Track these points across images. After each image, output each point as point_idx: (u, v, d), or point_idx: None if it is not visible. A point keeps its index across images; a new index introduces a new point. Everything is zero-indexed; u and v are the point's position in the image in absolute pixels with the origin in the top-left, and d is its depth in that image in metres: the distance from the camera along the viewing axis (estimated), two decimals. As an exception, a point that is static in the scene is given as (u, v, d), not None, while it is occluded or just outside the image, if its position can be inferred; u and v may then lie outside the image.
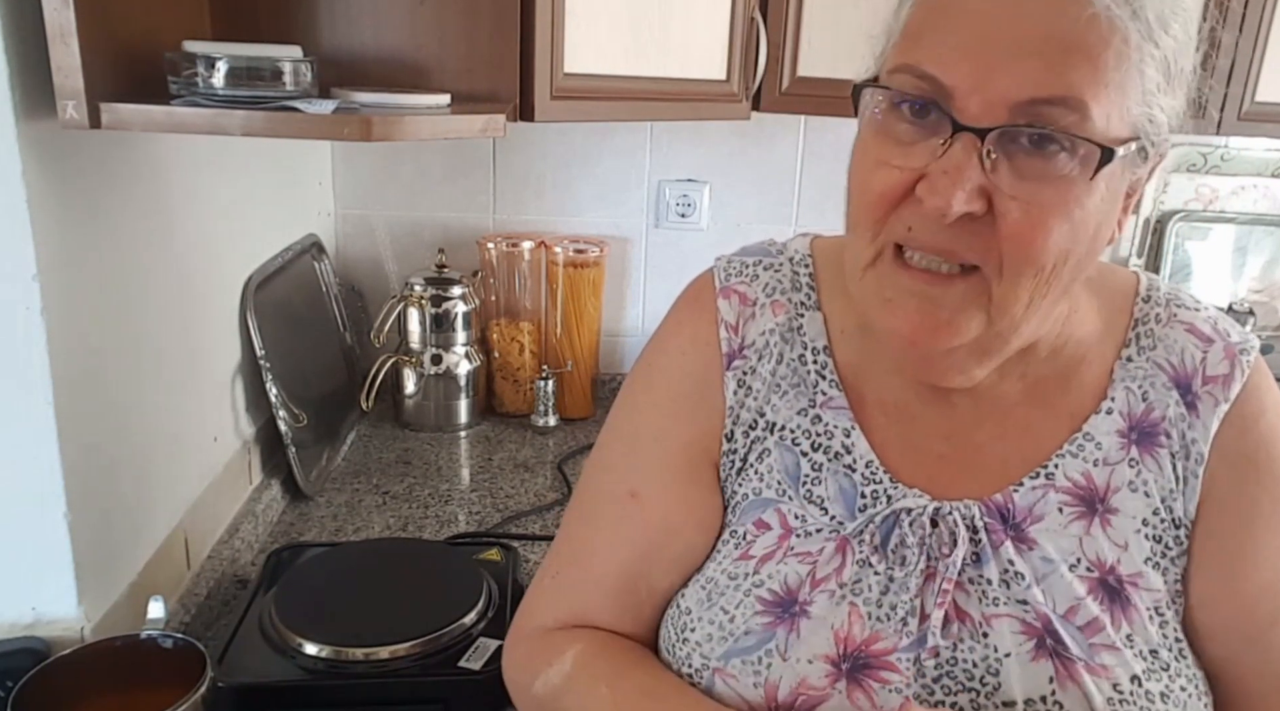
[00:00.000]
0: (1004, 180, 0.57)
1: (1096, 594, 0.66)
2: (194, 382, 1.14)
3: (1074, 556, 0.67)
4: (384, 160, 1.72)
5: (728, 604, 0.69)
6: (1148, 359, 0.70)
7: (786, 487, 0.72)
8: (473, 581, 1.04)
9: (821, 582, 0.68)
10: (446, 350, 1.64)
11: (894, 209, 0.61)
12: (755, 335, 0.74)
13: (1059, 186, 0.58)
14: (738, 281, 0.77)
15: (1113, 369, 0.70)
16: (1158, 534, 0.67)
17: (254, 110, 0.81)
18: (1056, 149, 0.57)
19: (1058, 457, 0.69)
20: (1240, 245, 1.89)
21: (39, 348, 0.80)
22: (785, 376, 0.73)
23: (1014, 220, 0.58)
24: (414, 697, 0.92)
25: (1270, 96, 1.50)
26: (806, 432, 0.72)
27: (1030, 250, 0.58)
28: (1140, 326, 0.71)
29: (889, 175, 0.60)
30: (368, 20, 1.05)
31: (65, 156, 0.83)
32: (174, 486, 1.08)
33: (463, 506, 1.38)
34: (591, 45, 1.19)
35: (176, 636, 0.83)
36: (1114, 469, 0.68)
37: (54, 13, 0.74)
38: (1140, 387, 0.69)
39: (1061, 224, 0.58)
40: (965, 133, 0.57)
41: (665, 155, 1.76)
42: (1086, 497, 0.68)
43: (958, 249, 0.60)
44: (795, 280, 0.76)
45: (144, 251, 1.00)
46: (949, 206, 0.57)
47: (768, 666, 0.66)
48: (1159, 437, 0.68)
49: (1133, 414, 0.69)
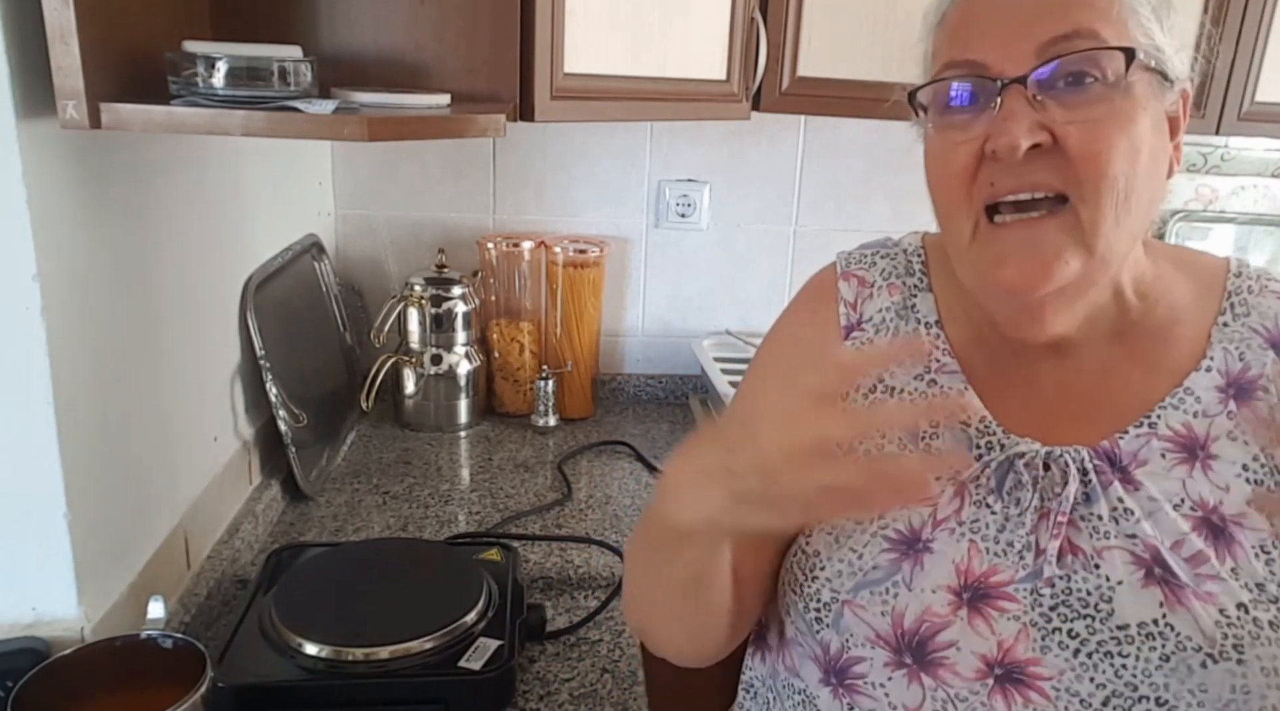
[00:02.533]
0: (1056, 113, 0.66)
1: (1200, 531, 0.70)
2: (194, 382, 1.14)
3: (1178, 497, 0.71)
4: (384, 160, 1.72)
5: (856, 543, 0.76)
6: (1243, 324, 0.75)
7: (907, 444, 0.78)
8: (473, 581, 1.04)
9: (942, 522, 0.74)
10: (446, 350, 1.64)
11: (973, 180, 0.69)
12: (872, 311, 0.83)
13: (1106, 104, 0.66)
14: (857, 267, 0.86)
15: (1209, 333, 0.75)
16: (1259, 478, 0.71)
17: (254, 110, 0.81)
18: (1090, 80, 0.66)
19: (1160, 409, 0.74)
20: (1240, 245, 1.89)
21: (39, 348, 0.80)
22: None
23: (1077, 139, 0.66)
24: (414, 697, 0.92)
25: (1270, 96, 1.50)
26: (924, 395, 0.80)
27: (1100, 163, 0.65)
28: (1234, 296, 0.77)
29: (960, 151, 0.69)
30: (368, 20, 1.05)
31: (65, 156, 0.83)
32: (174, 486, 1.08)
33: (463, 506, 1.39)
34: (591, 45, 1.19)
35: (176, 636, 0.83)
36: (1213, 420, 0.73)
37: (54, 13, 0.74)
38: (1237, 349, 0.75)
39: (1120, 137, 0.66)
40: (1010, 86, 0.66)
41: (665, 155, 1.76)
42: (1188, 445, 0.72)
43: (1040, 180, 0.67)
44: (909, 266, 0.85)
45: (144, 251, 1.00)
46: (1016, 140, 0.65)
47: (894, 596, 0.73)
48: (1256, 393, 0.73)
49: (1230, 372, 0.74)
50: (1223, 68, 1.47)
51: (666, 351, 1.87)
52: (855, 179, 1.77)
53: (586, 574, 1.21)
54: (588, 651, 1.06)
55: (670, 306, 1.85)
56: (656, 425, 1.73)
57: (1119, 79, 0.66)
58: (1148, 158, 0.68)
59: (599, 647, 1.07)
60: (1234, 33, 1.45)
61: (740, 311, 1.86)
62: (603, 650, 1.07)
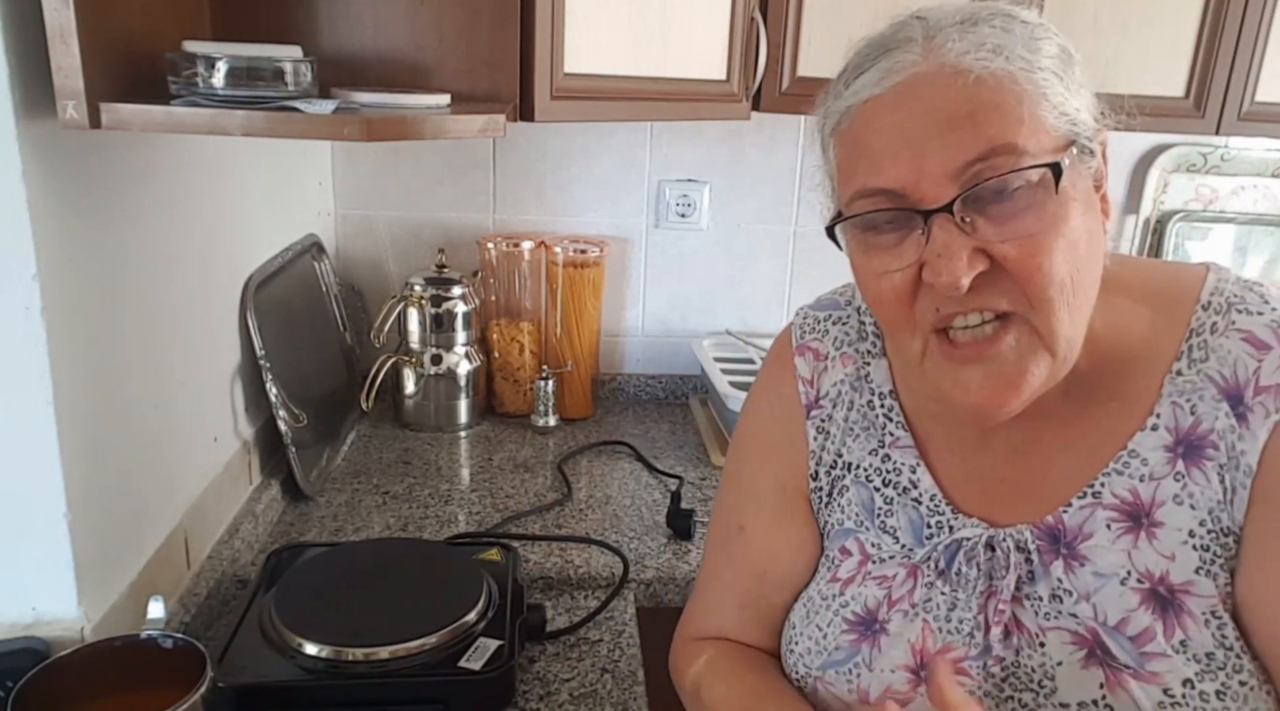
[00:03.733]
0: (988, 231, 0.63)
1: (1149, 604, 0.68)
2: (194, 382, 1.14)
3: (1124, 569, 0.69)
4: (384, 160, 1.72)
5: (821, 622, 0.79)
6: (1198, 371, 0.70)
7: (864, 519, 0.80)
8: (473, 581, 1.04)
9: (897, 603, 0.76)
10: (446, 350, 1.64)
11: (913, 303, 0.66)
12: (828, 386, 0.83)
13: (1036, 211, 0.63)
14: (811, 338, 0.85)
15: (1162, 383, 0.70)
16: (1205, 543, 0.68)
17: (254, 110, 0.81)
18: (1015, 187, 0.62)
19: (1104, 476, 0.71)
20: (1240, 245, 1.89)
21: (39, 348, 0.80)
22: (856, 421, 0.82)
23: (1015, 257, 0.63)
24: (414, 697, 0.92)
25: (1270, 96, 1.50)
26: (878, 470, 0.80)
27: (1042, 275, 0.63)
28: (1194, 338, 0.70)
29: (892, 280, 0.66)
30: (368, 20, 1.05)
31: (65, 156, 0.83)
32: (174, 486, 1.08)
33: (463, 506, 1.39)
34: (591, 45, 1.19)
35: (176, 636, 0.83)
36: (1160, 483, 0.69)
37: (54, 13, 0.74)
38: (1189, 401, 0.69)
39: (1056, 241, 0.63)
40: (934, 215, 0.63)
41: (665, 155, 1.76)
42: (1132, 512, 0.70)
43: (985, 302, 0.64)
44: (861, 330, 0.84)
45: (144, 251, 1.00)
46: (957, 280, 0.62)
47: (857, 676, 0.75)
48: (1206, 450, 0.68)
49: (1180, 428, 0.69)
50: (1223, 68, 1.47)
51: (666, 351, 1.87)
52: (855, 179, 1.77)
53: (586, 574, 1.21)
54: (588, 651, 1.06)
55: (670, 306, 1.85)
56: (656, 425, 1.73)
57: (1047, 185, 0.62)
58: (1086, 243, 0.65)
59: (599, 647, 1.07)
60: (1234, 33, 1.45)
61: (740, 311, 1.86)
62: (603, 650, 1.07)
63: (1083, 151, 0.65)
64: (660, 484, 1.49)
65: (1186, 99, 1.49)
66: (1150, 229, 1.88)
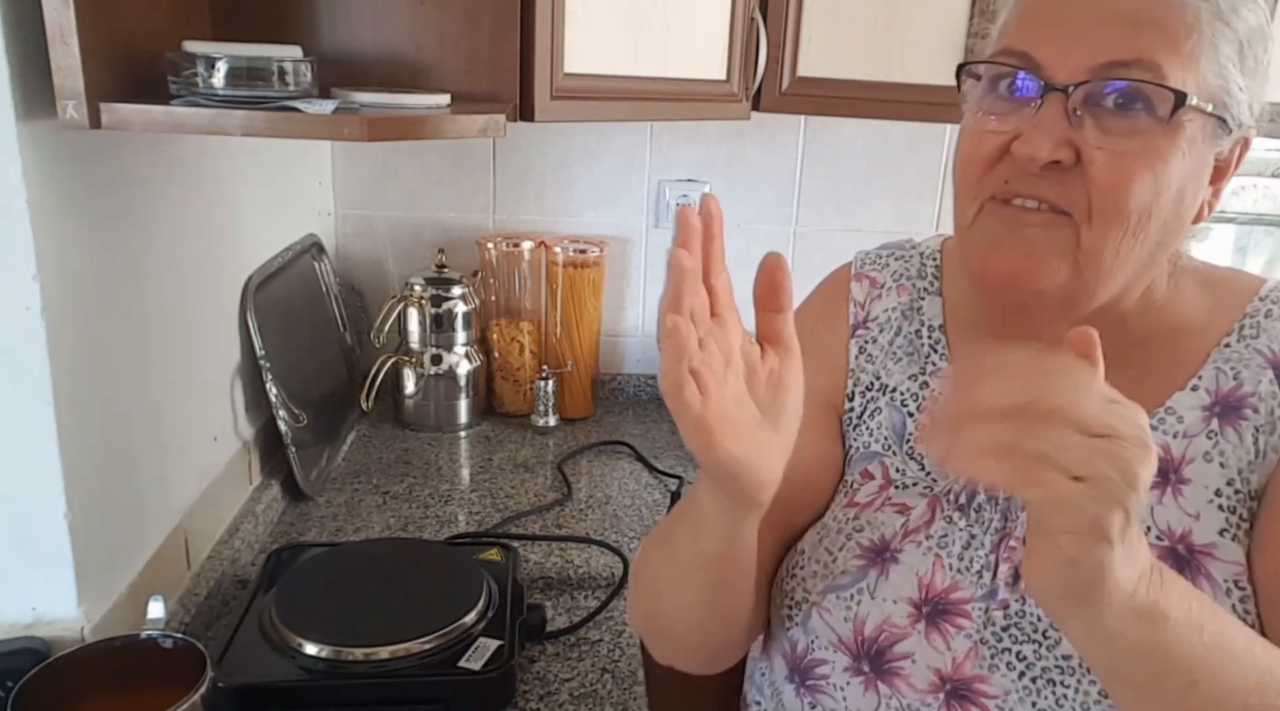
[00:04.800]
0: (1090, 134, 0.63)
1: (1166, 562, 0.66)
2: (194, 382, 1.14)
3: (1144, 524, 0.68)
4: (384, 160, 1.72)
5: (832, 545, 0.77)
6: (1247, 345, 0.71)
7: (892, 443, 0.79)
8: (473, 581, 1.04)
9: (912, 534, 0.74)
10: (446, 350, 1.64)
11: (990, 170, 0.67)
12: (879, 311, 0.84)
13: (1142, 138, 0.63)
14: (870, 268, 0.86)
15: (1209, 354, 0.72)
16: (1232, 505, 0.67)
17: (254, 110, 0.81)
18: (1138, 108, 0.63)
19: None
20: (1240, 245, 1.89)
21: (39, 348, 0.80)
22: (901, 346, 0.82)
23: (1100, 167, 0.63)
24: (414, 697, 0.92)
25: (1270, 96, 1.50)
26: (915, 395, 0.80)
27: (1116, 196, 0.63)
28: (1248, 319, 0.72)
29: (989, 140, 0.67)
30: (368, 20, 1.05)
31: (65, 156, 0.83)
32: (174, 486, 1.08)
33: (463, 506, 1.38)
34: (591, 45, 1.19)
35: (176, 636, 0.83)
36: (1192, 441, 0.69)
37: (54, 13, 0.74)
38: (1233, 368, 0.71)
39: (1145, 174, 0.63)
40: (1053, 92, 0.63)
41: (665, 155, 1.76)
42: (1162, 468, 0.69)
43: (1049, 195, 0.65)
44: (922, 269, 0.85)
45: (144, 251, 1.00)
46: (1037, 152, 0.63)
47: (858, 603, 0.73)
48: (1244, 410, 0.69)
49: (1220, 390, 0.70)
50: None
51: (666, 351, 1.87)
52: (855, 179, 1.77)
53: (586, 574, 1.21)
54: (588, 651, 1.06)
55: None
56: (656, 425, 1.73)
57: (1168, 115, 0.63)
58: (1173, 198, 0.65)
59: (599, 647, 1.07)
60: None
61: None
62: (603, 650, 1.07)
63: (1222, 125, 0.65)
64: (660, 484, 1.49)
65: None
66: (1150, 229, 1.88)
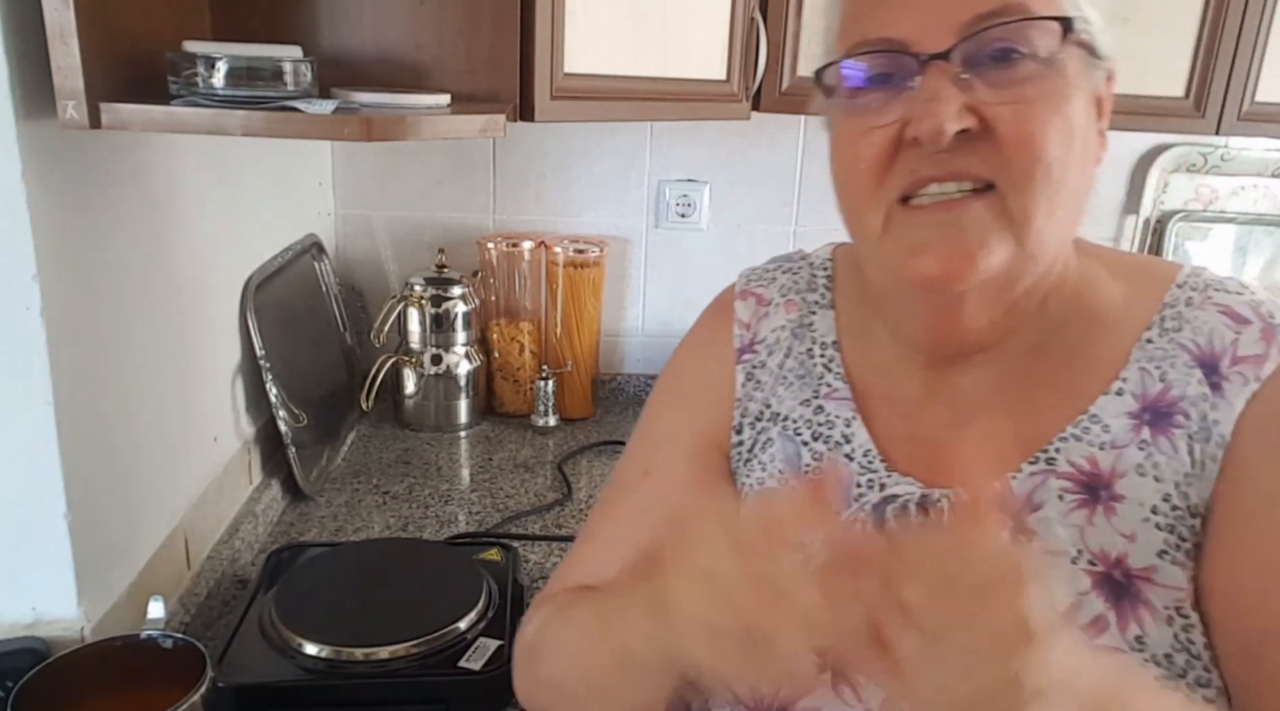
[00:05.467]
0: (984, 94, 0.59)
1: (1101, 590, 0.61)
2: (194, 383, 1.14)
3: (1075, 548, 0.62)
4: (384, 160, 1.72)
5: None
6: (1170, 340, 0.65)
7: (789, 477, 0.72)
8: (473, 581, 1.04)
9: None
10: (446, 350, 1.64)
11: (888, 169, 0.61)
12: (767, 331, 0.77)
13: (1038, 83, 0.59)
14: (756, 285, 0.81)
15: (1130, 350, 0.66)
16: (1170, 523, 0.61)
17: (254, 110, 0.81)
18: (1019, 56, 0.59)
19: (1060, 441, 0.65)
20: (1240, 245, 1.89)
21: (39, 348, 0.80)
22: (792, 369, 0.75)
23: (1008, 123, 0.58)
24: (414, 697, 0.92)
25: (1270, 96, 1.50)
26: (809, 423, 0.73)
27: (1032, 148, 0.58)
28: (1168, 310, 0.66)
29: (875, 137, 0.61)
30: (368, 20, 1.05)
31: (65, 156, 0.83)
32: (174, 486, 1.08)
33: (463, 506, 1.38)
34: (591, 45, 1.19)
35: (176, 636, 0.83)
36: (1121, 452, 0.63)
37: (54, 13, 0.74)
38: (1158, 368, 0.64)
39: (1054, 118, 0.59)
40: (932, 62, 0.58)
41: (665, 155, 1.76)
42: (1089, 484, 0.63)
43: (966, 167, 0.59)
44: (812, 281, 0.79)
45: (144, 251, 1.00)
46: (942, 124, 0.57)
47: None
48: (1175, 418, 0.63)
49: (1147, 394, 0.64)
50: (1223, 67, 1.47)
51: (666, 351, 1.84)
52: (855, 179, 1.77)
53: (586, 574, 1.21)
54: (588, 651, 1.06)
55: (670, 306, 1.85)
56: (656, 425, 1.73)
57: (1052, 54, 0.59)
58: (1079, 144, 0.61)
59: (599, 647, 1.07)
60: (1234, 33, 1.45)
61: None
62: (603, 650, 1.06)
63: (1090, 55, 0.62)
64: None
65: (1186, 99, 1.49)
66: (1150, 229, 1.88)
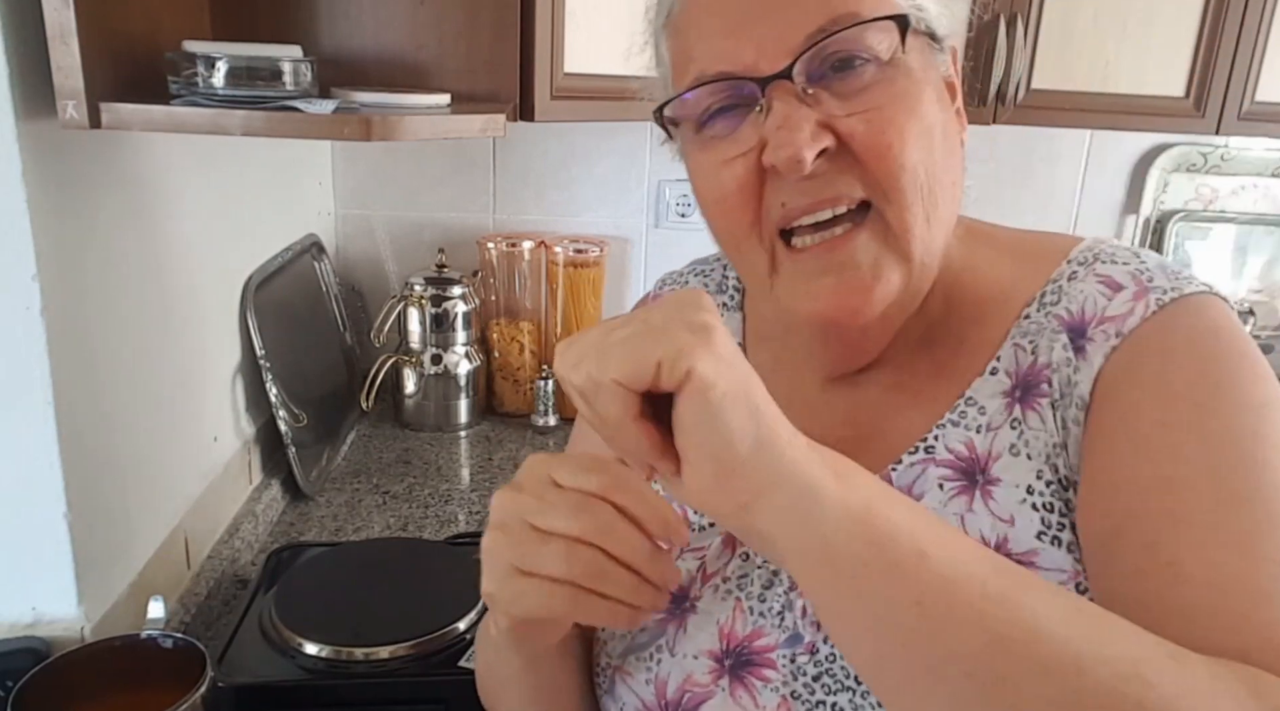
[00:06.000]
0: (833, 107, 0.57)
1: None
2: (194, 382, 1.14)
3: None
4: (384, 160, 1.72)
5: None
6: (1046, 313, 0.62)
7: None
8: (473, 581, 1.03)
9: (711, 577, 0.66)
10: (446, 350, 1.64)
11: (757, 199, 0.60)
12: None
13: (884, 87, 0.57)
14: (669, 288, 0.81)
15: (1009, 330, 0.64)
16: (1048, 502, 0.58)
17: (254, 110, 0.81)
18: (861, 62, 0.57)
19: (938, 428, 0.63)
20: (1240, 245, 1.89)
21: (39, 348, 0.80)
22: None
23: (863, 132, 0.57)
24: (414, 697, 0.92)
25: (1270, 96, 1.50)
26: None
27: (894, 155, 0.57)
28: (1050, 285, 0.64)
29: (733, 169, 0.59)
30: (368, 20, 1.05)
31: (65, 156, 0.83)
32: (174, 486, 1.08)
33: (463, 506, 1.38)
34: (591, 45, 1.19)
35: (176, 636, 0.83)
36: (996, 434, 0.61)
37: (54, 12, 0.74)
38: (1031, 341, 0.62)
39: (908, 120, 0.57)
40: (773, 83, 0.57)
41: (665, 155, 1.75)
42: (967, 469, 0.61)
43: (837, 191, 0.58)
44: (723, 284, 0.78)
45: (144, 251, 1.00)
46: (799, 152, 0.56)
47: (657, 662, 0.65)
48: (1040, 386, 0.60)
49: (1019, 370, 0.62)
50: (1223, 67, 1.47)
51: (666, 351, 1.87)
52: (855, 179, 1.77)
53: (586, 573, 1.21)
54: (588, 651, 1.06)
55: (670, 306, 1.85)
56: (656, 425, 1.73)
57: (894, 55, 0.57)
58: (940, 138, 0.59)
59: (599, 647, 1.07)
60: (1234, 33, 1.45)
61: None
62: (603, 650, 1.07)
63: (931, 41, 0.60)
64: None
65: (1186, 99, 1.49)
66: (1150, 229, 1.88)
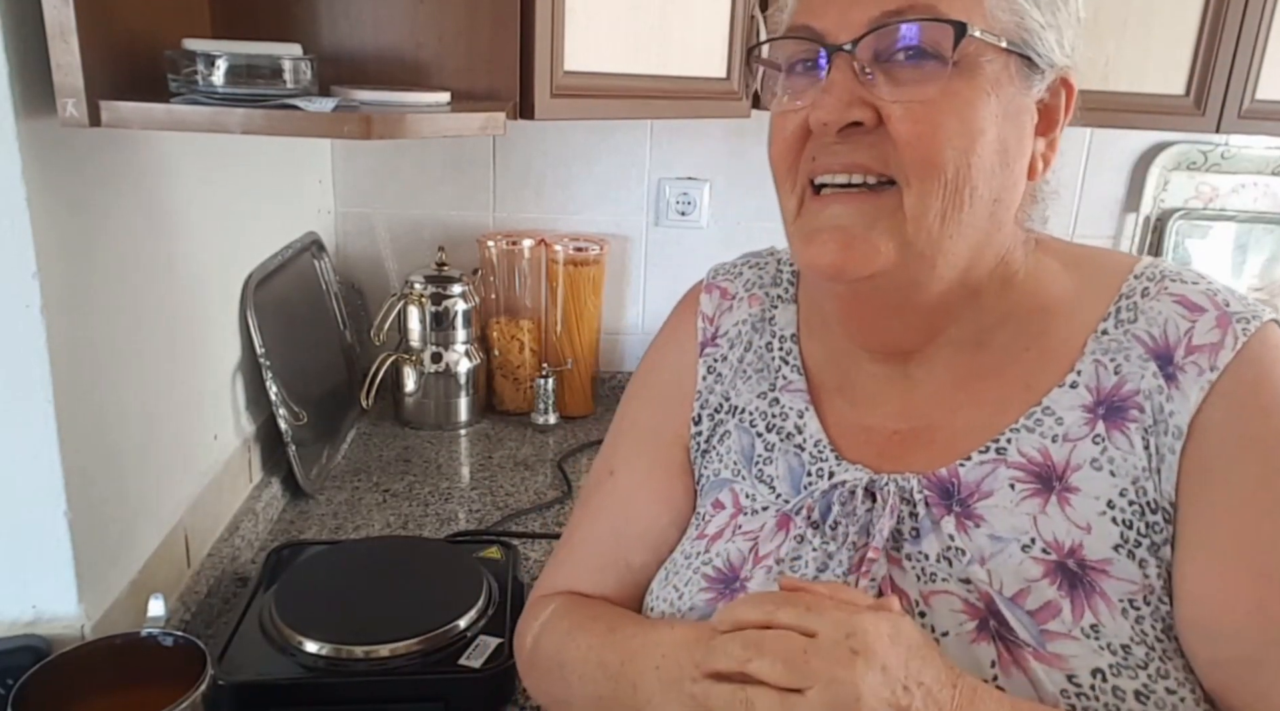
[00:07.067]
0: (883, 90, 0.60)
1: (1054, 578, 0.61)
2: (194, 381, 1.14)
3: (1027, 536, 0.62)
4: (384, 158, 1.72)
5: (679, 582, 0.72)
6: (1125, 331, 0.64)
7: (741, 468, 0.74)
8: (473, 579, 1.04)
9: (763, 558, 0.68)
10: (446, 348, 1.64)
11: (800, 151, 0.65)
12: (729, 325, 0.80)
13: (937, 83, 0.60)
14: (723, 279, 0.84)
15: (1085, 342, 0.66)
16: (1128, 518, 0.61)
17: (254, 108, 0.81)
18: (926, 55, 0.60)
19: (1011, 431, 0.65)
20: (1240, 243, 1.89)
21: (39, 346, 0.80)
22: (751, 362, 0.77)
23: (899, 121, 0.60)
24: (414, 695, 0.92)
25: (1270, 94, 1.50)
26: (764, 414, 0.75)
27: (923, 149, 0.60)
28: (1124, 300, 0.66)
29: (790, 121, 0.65)
30: (368, 18, 1.05)
31: (65, 155, 0.83)
32: (174, 484, 1.08)
33: (463, 504, 1.39)
34: (591, 43, 1.19)
35: (177, 634, 0.83)
36: (1075, 446, 0.63)
37: (54, 10, 0.74)
38: (1113, 360, 0.64)
39: (949, 121, 0.60)
40: (837, 53, 0.61)
41: (665, 153, 1.76)
42: (1042, 475, 0.63)
43: (861, 161, 0.62)
44: (777, 276, 0.81)
45: (143, 249, 1.00)
46: (829, 115, 0.60)
47: None
48: (1129, 412, 0.62)
49: (1101, 388, 0.64)
50: (1223, 66, 1.47)
51: (666, 349, 1.87)
52: (855, 177, 1.77)
53: (586, 572, 1.21)
54: (588, 649, 1.06)
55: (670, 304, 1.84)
56: (656, 423, 1.73)
57: (962, 57, 0.59)
58: (992, 148, 0.61)
59: (599, 645, 1.07)
60: (1234, 32, 1.45)
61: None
62: (603, 648, 1.07)
63: (1026, 63, 0.62)
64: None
65: (1187, 97, 1.49)
66: (1150, 227, 1.88)
